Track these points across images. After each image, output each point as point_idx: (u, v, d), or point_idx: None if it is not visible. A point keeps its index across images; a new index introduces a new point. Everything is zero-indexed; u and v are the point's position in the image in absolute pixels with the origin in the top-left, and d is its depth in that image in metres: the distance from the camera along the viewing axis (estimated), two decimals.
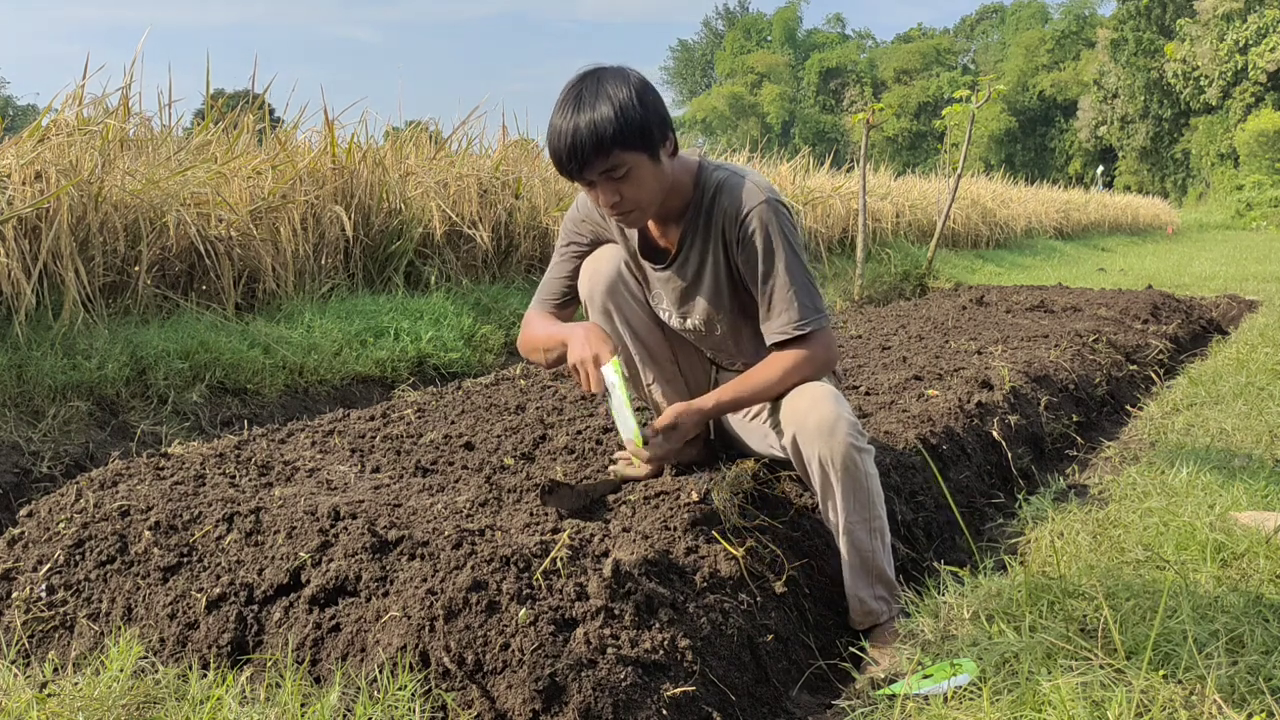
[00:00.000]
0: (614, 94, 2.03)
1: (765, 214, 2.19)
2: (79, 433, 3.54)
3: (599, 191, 2.12)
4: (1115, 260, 15.50)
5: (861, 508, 2.20)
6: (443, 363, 4.98)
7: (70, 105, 4.86)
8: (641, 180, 2.10)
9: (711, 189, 2.24)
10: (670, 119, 2.17)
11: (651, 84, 2.13)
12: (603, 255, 2.39)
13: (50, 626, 2.00)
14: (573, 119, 2.03)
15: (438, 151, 7.06)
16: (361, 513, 2.11)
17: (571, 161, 2.05)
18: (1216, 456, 3.27)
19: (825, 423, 2.15)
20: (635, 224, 2.23)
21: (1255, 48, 42.37)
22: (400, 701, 1.63)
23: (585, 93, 2.04)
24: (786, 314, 2.21)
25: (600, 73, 2.08)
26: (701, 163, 2.28)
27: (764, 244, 2.20)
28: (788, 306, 2.21)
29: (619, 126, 2.02)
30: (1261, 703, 1.58)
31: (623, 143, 2.03)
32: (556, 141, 2.06)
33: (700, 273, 2.31)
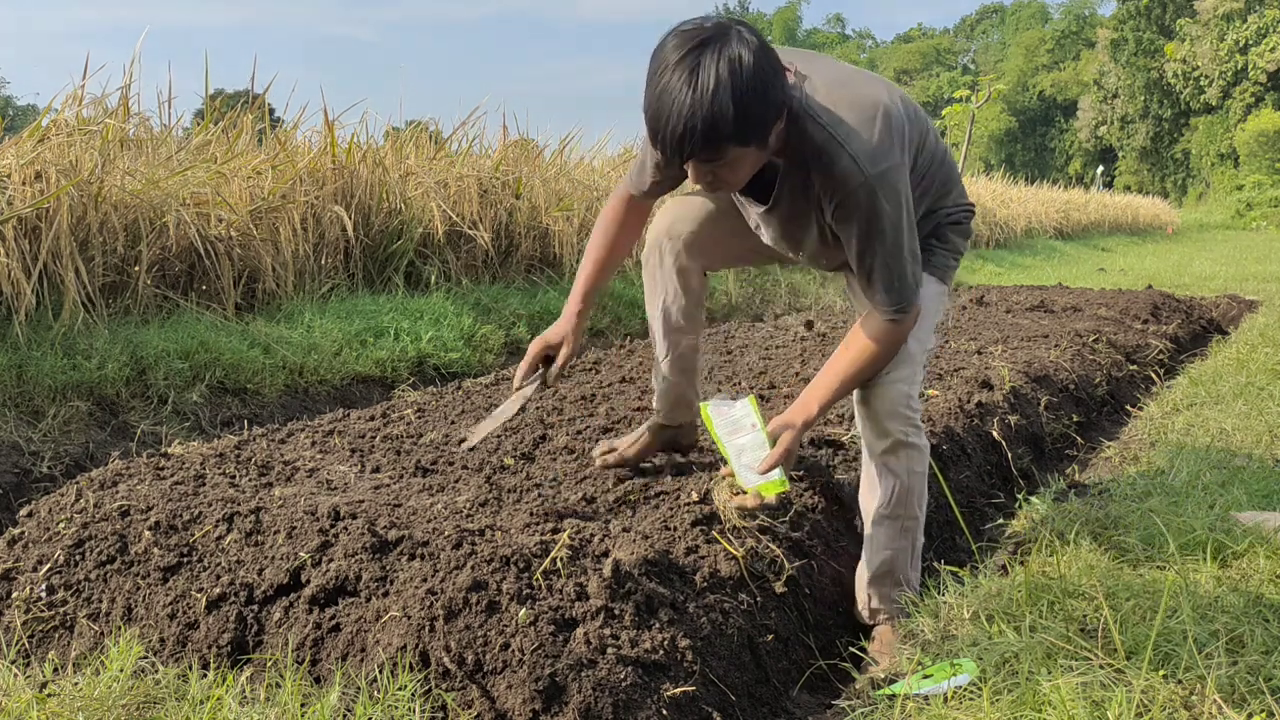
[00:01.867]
0: (736, 78, 1.74)
1: (863, 198, 1.94)
2: (79, 433, 3.54)
3: (692, 168, 1.91)
4: (1115, 260, 15.49)
5: (898, 504, 2.20)
6: (443, 363, 4.97)
7: (70, 105, 4.86)
8: (741, 166, 1.90)
9: (807, 147, 1.95)
10: (783, 96, 1.87)
11: (769, 49, 1.84)
12: (683, 210, 2.35)
13: (50, 626, 2.00)
14: (687, 95, 1.74)
15: (438, 151, 7.06)
16: (361, 513, 2.11)
17: (677, 144, 1.79)
18: (1216, 456, 3.27)
19: (883, 408, 2.12)
20: (724, 192, 2.15)
21: (1255, 48, 42.38)
22: (400, 701, 1.63)
23: (706, 61, 1.75)
24: (886, 295, 2.05)
25: (723, 39, 1.77)
26: (799, 109, 1.93)
27: (862, 226, 1.98)
28: (886, 287, 2.04)
29: (738, 122, 1.77)
30: (1261, 703, 1.58)
31: (738, 138, 1.81)
32: (662, 121, 1.78)
33: (802, 221, 2.11)
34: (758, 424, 2.06)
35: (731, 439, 2.10)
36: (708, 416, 2.13)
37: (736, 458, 2.09)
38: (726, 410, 2.11)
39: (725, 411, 2.11)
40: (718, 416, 2.12)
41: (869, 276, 2.05)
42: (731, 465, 2.11)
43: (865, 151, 1.93)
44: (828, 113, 1.94)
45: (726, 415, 2.11)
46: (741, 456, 2.08)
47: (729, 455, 2.11)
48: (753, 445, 2.07)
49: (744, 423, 2.08)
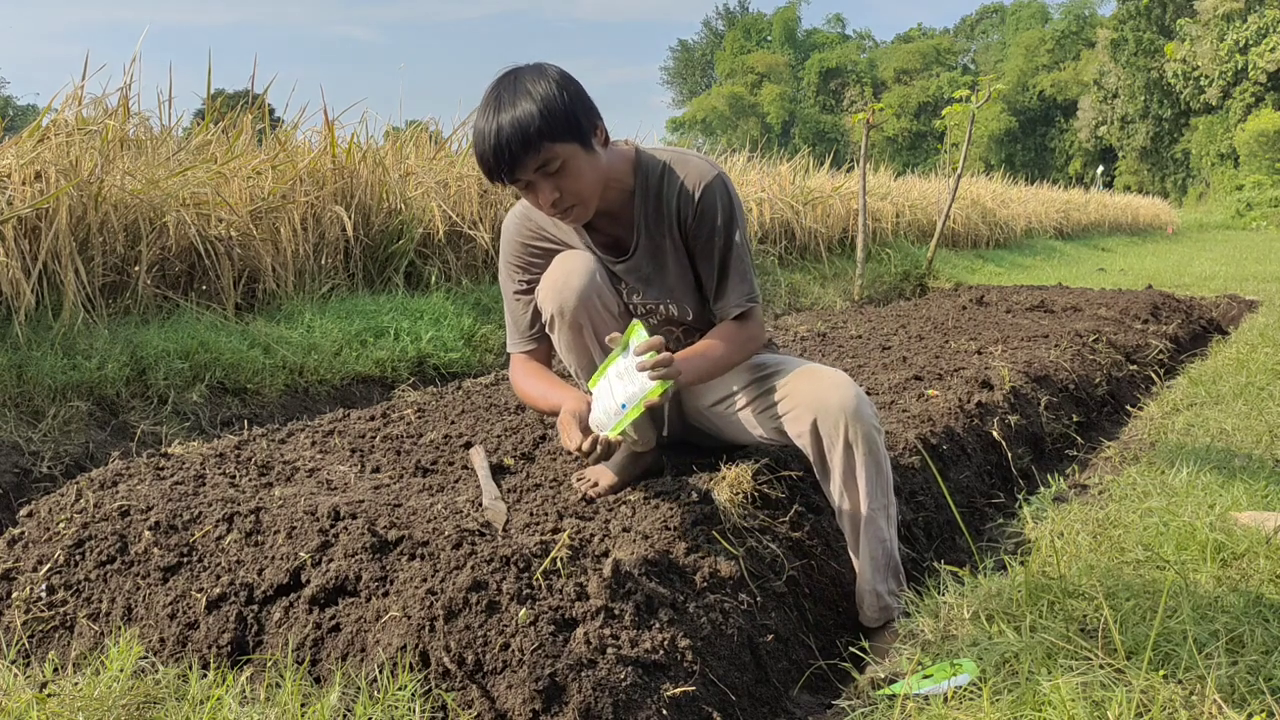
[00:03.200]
0: (533, 89, 1.98)
1: (719, 188, 2.18)
2: (79, 433, 3.54)
3: (537, 192, 2.06)
4: (1115, 260, 15.49)
5: (883, 494, 2.22)
6: (443, 363, 4.98)
7: (70, 105, 4.87)
8: (578, 172, 2.03)
9: (656, 172, 2.20)
10: (596, 108, 2.09)
11: (571, 75, 2.07)
12: (571, 264, 2.23)
13: (50, 626, 2.00)
14: (494, 119, 1.97)
15: (438, 151, 7.06)
16: (361, 513, 2.11)
17: (500, 162, 1.98)
18: (1216, 456, 3.27)
19: (849, 404, 2.16)
20: (580, 219, 2.14)
21: (1255, 48, 42.38)
22: (400, 701, 1.63)
23: (504, 93, 1.99)
24: (741, 288, 2.23)
25: (516, 72, 2.03)
26: (637, 148, 2.23)
27: (723, 217, 2.18)
28: (741, 280, 2.23)
29: (544, 118, 1.96)
30: (1261, 703, 1.58)
31: (550, 134, 1.97)
32: (482, 145, 1.99)
33: (662, 259, 2.26)
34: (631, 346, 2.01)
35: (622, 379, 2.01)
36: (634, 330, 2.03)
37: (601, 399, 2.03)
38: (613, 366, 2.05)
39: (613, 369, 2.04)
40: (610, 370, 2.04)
41: (727, 271, 2.22)
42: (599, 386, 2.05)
43: (707, 159, 2.24)
44: (668, 147, 2.28)
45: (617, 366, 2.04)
46: (609, 397, 2.01)
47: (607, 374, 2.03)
48: (626, 367, 2.00)
49: (631, 366, 1.99)
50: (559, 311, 2.22)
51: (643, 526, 2.18)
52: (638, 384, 1.97)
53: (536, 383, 2.31)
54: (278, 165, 5.59)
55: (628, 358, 2.00)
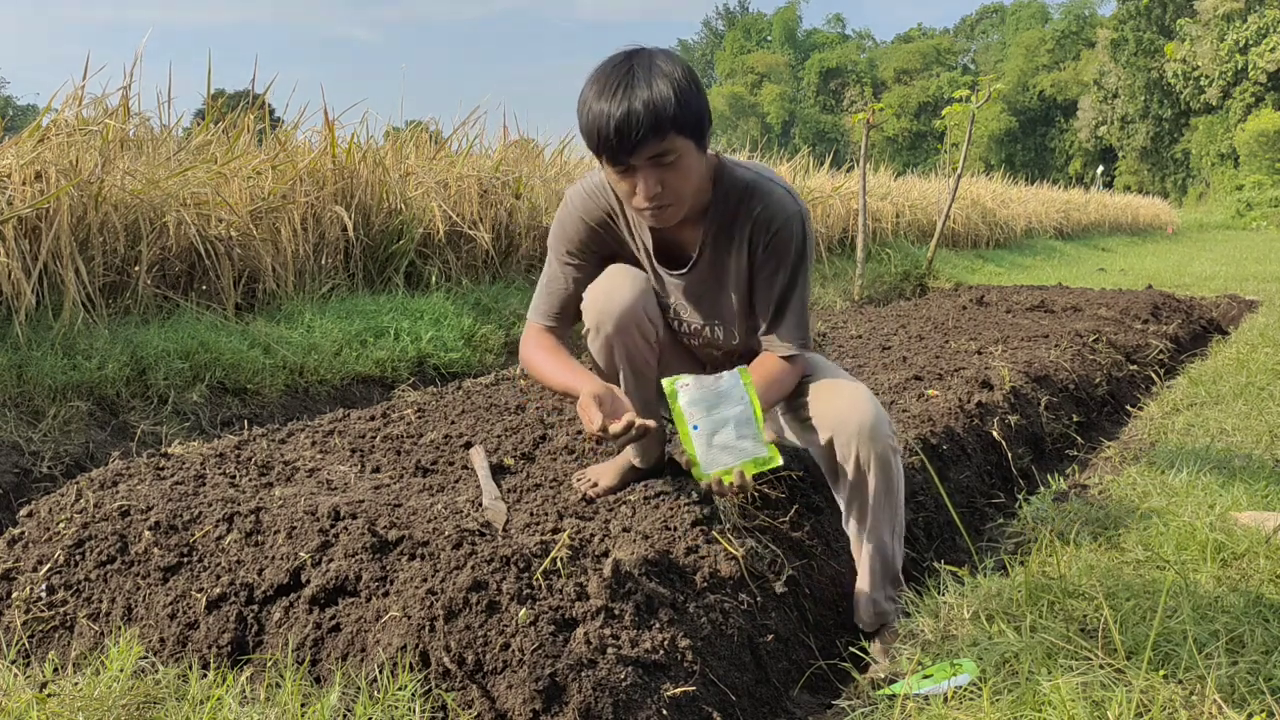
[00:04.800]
0: (670, 73, 1.88)
1: (798, 228, 2.10)
2: (79, 433, 3.54)
3: (640, 178, 1.92)
4: (1115, 260, 15.50)
5: (891, 511, 2.20)
6: (443, 363, 4.98)
7: (70, 105, 4.86)
8: (687, 170, 1.94)
9: (739, 190, 2.10)
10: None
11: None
12: (618, 283, 2.15)
13: (50, 626, 2.00)
14: (626, 97, 1.84)
15: (438, 151, 7.06)
16: (361, 513, 2.11)
17: (623, 141, 1.85)
18: (1216, 456, 3.27)
19: (866, 424, 2.12)
20: (668, 220, 2.02)
21: (1255, 48, 42.40)
22: (400, 701, 1.63)
23: (639, 70, 1.87)
24: (796, 331, 2.18)
25: (649, 52, 1.92)
26: (721, 159, 2.12)
27: (794, 259, 2.12)
28: (798, 324, 2.18)
29: (679, 106, 1.86)
30: (1261, 703, 1.58)
31: (679, 125, 1.87)
32: (603, 119, 1.86)
33: (723, 279, 2.18)
34: (748, 397, 1.93)
35: (714, 412, 1.92)
36: (673, 392, 1.94)
37: (717, 431, 1.92)
38: (710, 383, 1.94)
39: (708, 384, 1.94)
40: (699, 388, 1.93)
41: (784, 311, 2.17)
42: (697, 445, 1.92)
43: (792, 190, 2.14)
44: (751, 163, 2.17)
45: (710, 388, 1.94)
46: (724, 430, 1.92)
47: (702, 431, 1.92)
48: (742, 419, 1.92)
49: (733, 394, 1.93)
50: (595, 327, 2.19)
51: (643, 526, 2.18)
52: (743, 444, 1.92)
53: (551, 358, 2.19)
54: (278, 165, 5.59)
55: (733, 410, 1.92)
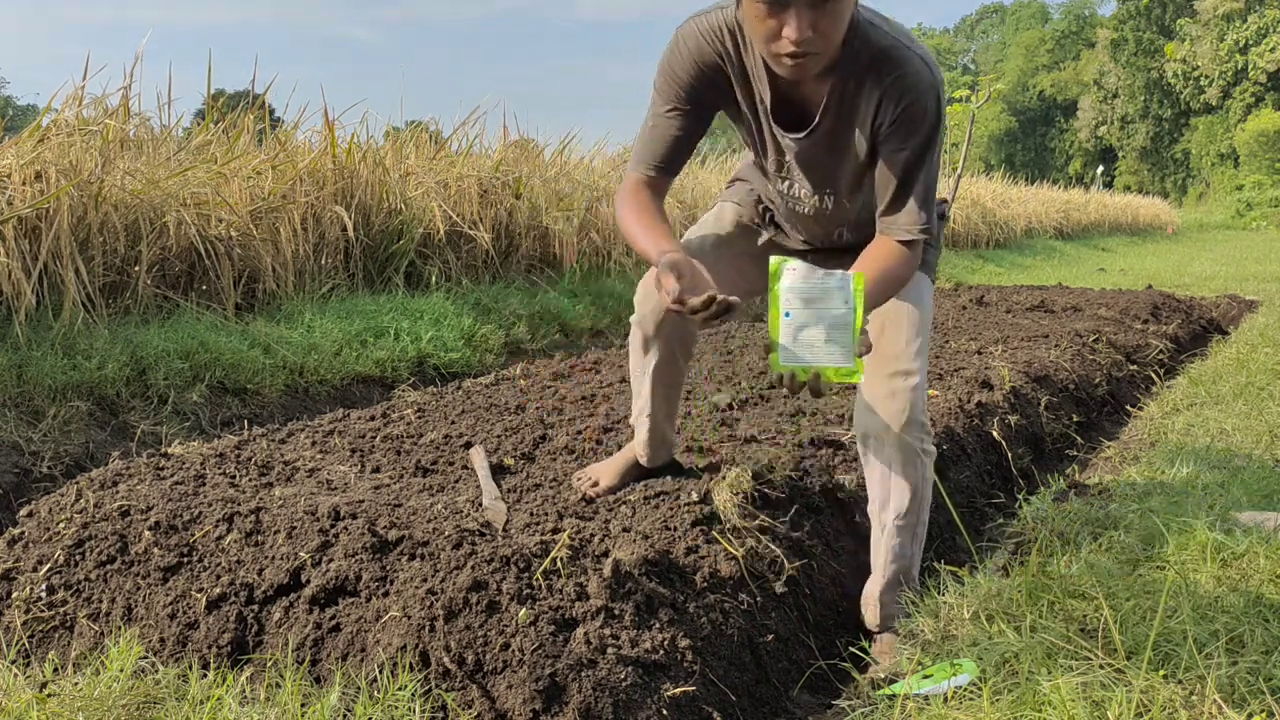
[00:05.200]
0: None
1: (932, 102, 1.90)
2: (79, 433, 3.54)
3: (792, 18, 1.74)
4: (1115, 260, 15.49)
5: (913, 514, 2.18)
6: (443, 363, 4.98)
7: (70, 105, 4.86)
8: (840, 18, 1.77)
9: (872, 51, 1.88)
10: None
11: None
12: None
13: (50, 626, 2.00)
14: None
15: (438, 151, 7.06)
16: (361, 513, 2.11)
17: None
18: (1216, 456, 3.27)
19: (896, 421, 2.06)
20: (807, 71, 1.83)
21: (1255, 48, 42.41)
22: (400, 701, 1.63)
23: None
24: (921, 213, 1.96)
25: None
26: (856, 12, 1.88)
27: (925, 135, 1.91)
28: (921, 205, 1.96)
29: None
30: (1261, 703, 1.58)
31: None
32: None
33: (843, 146, 1.99)
34: (854, 305, 1.76)
35: (813, 306, 1.77)
36: (777, 271, 1.78)
37: (808, 325, 1.77)
38: (819, 276, 1.77)
39: (816, 277, 1.77)
40: (805, 277, 1.77)
41: (909, 188, 1.95)
42: (783, 332, 1.77)
43: (930, 58, 1.93)
44: (888, 23, 1.92)
45: (816, 281, 1.77)
46: (815, 326, 1.76)
47: (793, 321, 1.77)
48: (839, 323, 1.76)
49: (837, 295, 1.76)
50: (638, 322, 2.25)
51: (643, 526, 2.18)
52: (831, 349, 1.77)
53: (637, 215, 1.99)
54: (278, 165, 5.59)
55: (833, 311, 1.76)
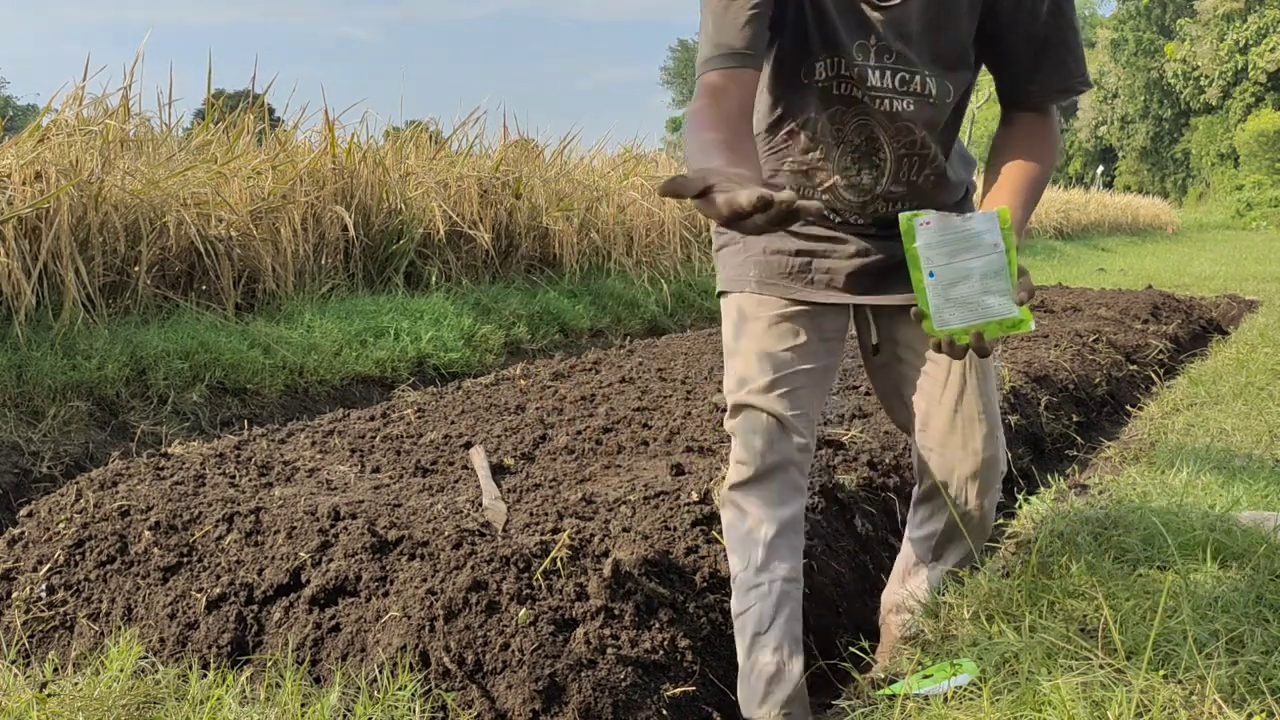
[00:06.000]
0: None
1: None
2: (79, 433, 3.54)
3: None
4: (1115, 260, 15.49)
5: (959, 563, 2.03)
6: (443, 363, 4.98)
7: (70, 105, 4.87)
8: None
9: None
10: None
11: None
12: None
13: (50, 626, 2.00)
14: None
15: (438, 151, 7.06)
16: (361, 513, 2.11)
17: None
18: (1216, 456, 3.27)
19: (981, 473, 1.84)
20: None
21: (1255, 48, 42.41)
22: (400, 701, 1.63)
23: None
24: (1076, 65, 1.67)
25: None
26: None
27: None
28: (1074, 57, 1.67)
29: None
30: (1261, 703, 1.58)
31: None
32: None
33: (948, 9, 1.65)
34: (1003, 244, 1.56)
35: (958, 259, 1.57)
36: (910, 229, 1.59)
37: (958, 281, 1.57)
38: (957, 224, 1.58)
39: (955, 225, 1.58)
40: (942, 229, 1.58)
41: (1062, 39, 1.66)
42: (931, 295, 1.57)
43: None
44: None
45: (956, 229, 1.58)
46: (966, 282, 1.57)
47: (940, 280, 1.58)
48: (991, 270, 1.56)
49: (984, 239, 1.57)
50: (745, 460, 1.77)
51: (643, 526, 2.18)
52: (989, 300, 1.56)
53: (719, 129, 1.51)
54: (278, 165, 5.59)
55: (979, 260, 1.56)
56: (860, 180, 1.76)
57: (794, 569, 1.75)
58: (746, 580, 1.73)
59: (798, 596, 1.76)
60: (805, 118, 1.74)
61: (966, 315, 1.57)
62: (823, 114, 1.72)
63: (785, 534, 1.74)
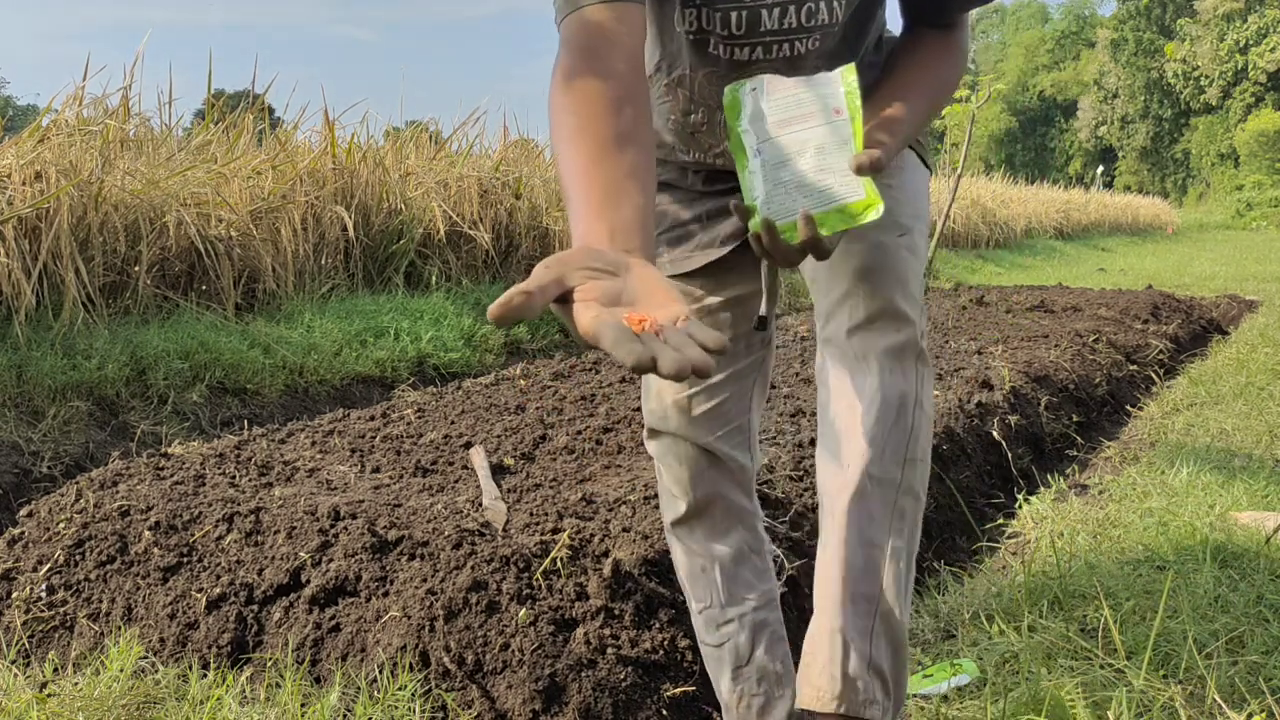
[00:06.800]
0: None
1: None
2: (79, 433, 3.54)
3: None
4: (1115, 260, 15.49)
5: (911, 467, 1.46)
6: (443, 363, 4.98)
7: (70, 105, 4.87)
8: None
9: None
10: None
11: None
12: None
13: (50, 626, 2.00)
14: None
15: (438, 151, 7.06)
16: (361, 513, 2.11)
17: None
18: (1216, 456, 3.27)
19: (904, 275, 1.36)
20: None
21: (1255, 48, 42.43)
22: (400, 701, 1.63)
23: None
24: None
25: None
26: None
27: None
28: None
29: None
30: (1261, 703, 1.58)
31: None
32: None
33: None
34: (845, 110, 1.19)
35: (789, 130, 1.21)
36: (735, 101, 1.23)
37: (788, 159, 1.20)
38: (789, 87, 1.22)
39: (786, 90, 1.22)
40: (773, 94, 1.22)
41: None
42: (753, 181, 1.21)
43: None
44: None
45: (788, 94, 1.22)
46: (800, 158, 1.20)
47: (767, 160, 1.21)
48: (830, 143, 1.19)
49: (823, 102, 1.20)
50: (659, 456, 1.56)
51: (643, 526, 2.18)
52: (826, 181, 1.19)
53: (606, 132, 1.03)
54: (278, 165, 5.59)
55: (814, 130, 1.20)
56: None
57: (764, 593, 1.56)
58: (714, 616, 1.55)
59: (776, 618, 1.57)
60: (680, 73, 1.35)
61: (801, 201, 1.18)
62: (699, 71, 1.33)
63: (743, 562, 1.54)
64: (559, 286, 0.82)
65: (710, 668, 1.60)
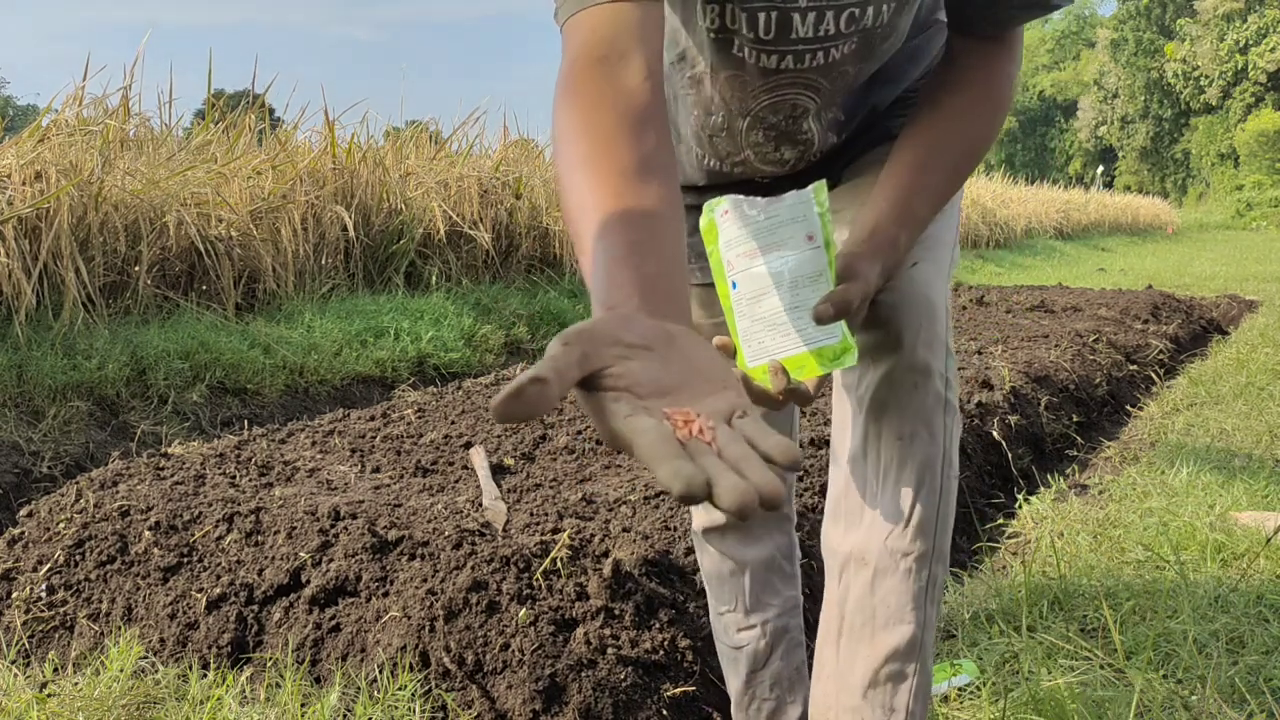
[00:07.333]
0: None
1: None
2: (79, 433, 3.54)
3: None
4: (1115, 260, 15.49)
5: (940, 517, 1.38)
6: (443, 363, 4.98)
7: (70, 105, 4.87)
8: None
9: None
10: None
11: None
12: None
13: (50, 626, 2.00)
14: None
15: (438, 151, 7.06)
16: (361, 513, 2.11)
17: None
18: (1216, 456, 3.27)
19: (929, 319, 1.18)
20: None
21: (1255, 48, 42.43)
22: (400, 701, 1.63)
23: None
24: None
25: None
26: None
27: None
28: None
29: None
30: (1261, 703, 1.58)
31: None
32: None
33: None
34: (819, 235, 1.07)
35: (759, 261, 1.09)
36: (711, 224, 1.11)
37: (765, 293, 1.08)
38: (759, 209, 1.09)
39: (759, 211, 1.09)
40: (751, 213, 1.09)
41: None
42: (738, 316, 1.10)
43: None
44: None
45: (761, 218, 1.09)
46: (777, 291, 1.08)
47: (744, 292, 1.10)
48: (804, 274, 1.07)
49: (793, 231, 1.07)
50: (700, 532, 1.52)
51: (643, 526, 2.18)
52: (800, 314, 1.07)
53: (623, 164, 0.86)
54: (278, 165, 5.60)
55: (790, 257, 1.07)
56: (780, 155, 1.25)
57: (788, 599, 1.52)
58: (737, 621, 1.50)
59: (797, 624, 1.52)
60: (699, 71, 1.20)
61: (776, 343, 1.08)
62: (720, 72, 1.17)
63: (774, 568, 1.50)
64: (582, 369, 0.65)
65: (724, 665, 1.58)
